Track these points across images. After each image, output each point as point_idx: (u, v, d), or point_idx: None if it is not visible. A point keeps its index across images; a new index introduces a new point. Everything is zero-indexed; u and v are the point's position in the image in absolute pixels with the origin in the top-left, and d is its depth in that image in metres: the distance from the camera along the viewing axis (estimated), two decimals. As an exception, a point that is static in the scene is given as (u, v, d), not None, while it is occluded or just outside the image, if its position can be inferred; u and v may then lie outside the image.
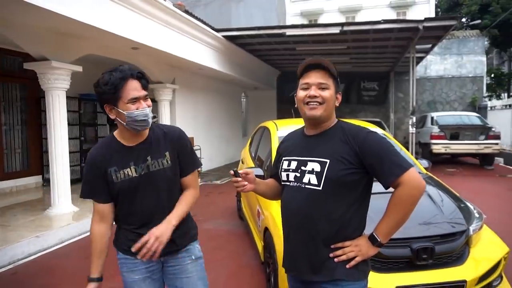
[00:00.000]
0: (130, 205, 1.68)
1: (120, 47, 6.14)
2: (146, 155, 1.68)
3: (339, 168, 1.46)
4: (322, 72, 1.53)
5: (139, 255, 1.59)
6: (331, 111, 1.56)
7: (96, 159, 1.66)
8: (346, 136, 1.50)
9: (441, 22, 7.55)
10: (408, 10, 21.51)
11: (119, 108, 1.57)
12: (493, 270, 2.56)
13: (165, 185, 1.71)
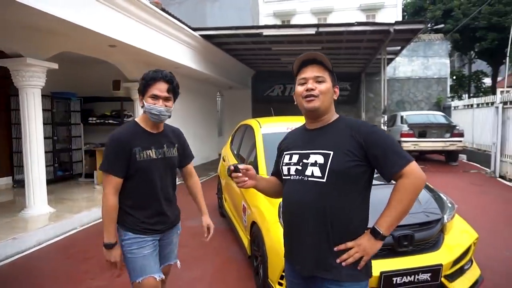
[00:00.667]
0: (148, 182, 1.97)
1: (97, 45, 6.03)
2: (163, 142, 2.05)
3: (343, 160, 1.46)
4: (317, 66, 1.56)
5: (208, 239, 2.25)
6: (329, 104, 1.57)
7: (123, 138, 1.93)
8: (350, 129, 1.51)
9: (411, 25, 7.94)
10: (377, 13, 22.26)
11: (144, 100, 1.95)
12: (464, 254, 2.78)
13: (172, 170, 2.13)
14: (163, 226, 2.08)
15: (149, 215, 2.01)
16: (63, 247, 4.38)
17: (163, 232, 2.10)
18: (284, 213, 1.67)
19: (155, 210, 2.02)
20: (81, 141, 8.30)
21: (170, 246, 2.20)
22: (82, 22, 4.68)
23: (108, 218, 1.92)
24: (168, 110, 1.96)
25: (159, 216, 2.04)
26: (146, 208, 2.00)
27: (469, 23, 19.42)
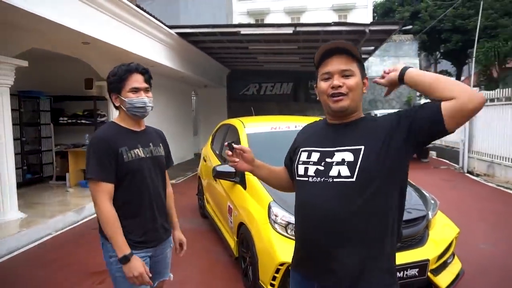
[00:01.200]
0: (139, 186, 1.79)
1: (70, 41, 5.77)
2: (149, 141, 1.89)
3: (377, 153, 1.25)
4: (343, 57, 1.32)
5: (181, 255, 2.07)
6: (359, 100, 1.36)
7: (107, 139, 1.74)
8: (383, 120, 1.32)
9: (385, 26, 8.15)
10: (348, 13, 22.73)
11: (122, 96, 1.78)
12: (448, 249, 2.88)
13: (162, 170, 1.96)
14: (156, 240, 1.87)
15: (141, 226, 1.80)
16: (38, 255, 4.16)
17: (156, 247, 1.88)
18: (301, 218, 1.42)
19: (147, 220, 1.82)
20: (51, 142, 7.92)
21: (164, 261, 2.00)
22: (55, 18, 4.45)
23: (112, 230, 1.68)
24: (151, 101, 1.83)
25: (152, 226, 1.84)
26: (137, 218, 1.79)
27: (435, 25, 20.23)
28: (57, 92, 8.03)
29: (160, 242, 1.91)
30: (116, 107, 1.83)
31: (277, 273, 2.57)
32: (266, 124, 4.29)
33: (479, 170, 8.76)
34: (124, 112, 1.82)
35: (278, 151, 3.68)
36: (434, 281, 2.71)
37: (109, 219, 1.69)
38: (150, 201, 1.83)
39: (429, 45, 23.69)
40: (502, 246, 4.18)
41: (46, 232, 4.77)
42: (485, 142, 8.57)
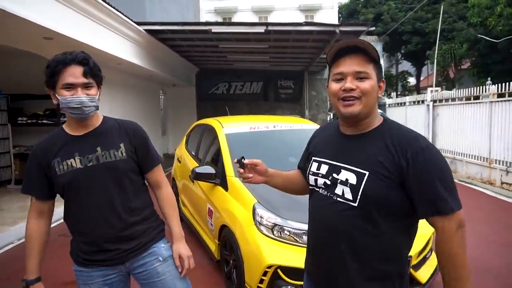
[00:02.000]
0: (76, 203, 1.57)
1: (30, 36, 5.39)
2: (95, 145, 1.57)
3: (380, 183, 1.17)
4: (359, 56, 1.22)
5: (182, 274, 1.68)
6: (373, 106, 1.24)
7: (36, 151, 1.57)
8: (393, 143, 1.19)
9: (355, 27, 8.34)
10: (315, 13, 23.13)
11: (56, 93, 1.49)
12: (426, 244, 2.97)
13: (117, 180, 1.58)
14: (109, 256, 1.57)
15: (87, 242, 1.57)
16: (1, 265, 3.85)
17: (118, 264, 1.60)
18: (312, 229, 1.40)
19: (96, 239, 1.56)
20: (9, 143, 7.40)
21: (158, 279, 1.64)
22: (13, 10, 4.13)
23: (29, 246, 1.55)
24: (92, 99, 1.50)
25: (104, 246, 1.56)
26: (81, 235, 1.59)
27: (397, 27, 21.07)
28: (16, 90, 7.51)
29: (122, 261, 1.61)
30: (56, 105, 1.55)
31: (265, 276, 2.53)
32: (244, 124, 4.23)
33: (442, 166, 9.20)
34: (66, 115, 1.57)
35: (259, 152, 3.68)
36: (415, 276, 2.78)
37: (30, 235, 1.58)
38: (92, 219, 1.55)
39: (390, 46, 24.65)
40: (470, 239, 4.30)
41: (7, 240, 4.45)
42: (447, 140, 9.01)
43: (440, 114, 9.33)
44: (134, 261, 1.62)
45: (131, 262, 1.62)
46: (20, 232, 4.67)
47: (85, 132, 1.58)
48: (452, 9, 19.52)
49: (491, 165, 7.26)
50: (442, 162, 1.16)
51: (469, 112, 8.06)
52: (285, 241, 2.61)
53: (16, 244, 4.46)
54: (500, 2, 14.60)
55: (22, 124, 7.42)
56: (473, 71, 18.82)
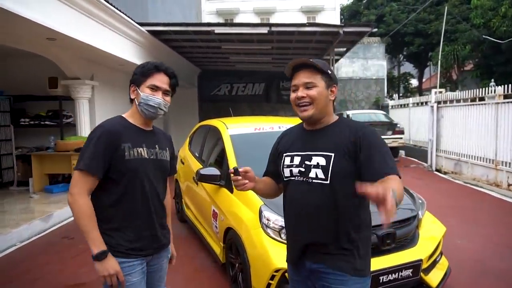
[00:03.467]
0: (138, 187, 1.65)
1: (34, 37, 5.36)
2: (155, 142, 1.76)
3: (344, 161, 1.48)
4: (308, 70, 1.54)
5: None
6: (324, 108, 1.56)
7: (110, 131, 1.62)
8: (349, 130, 1.52)
9: (358, 28, 8.30)
10: (317, 15, 23.09)
11: (139, 89, 1.68)
12: (437, 247, 2.91)
13: (164, 176, 1.81)
14: (153, 248, 1.73)
15: (136, 231, 1.65)
16: (3, 268, 3.80)
17: (152, 255, 1.74)
18: (288, 215, 1.66)
19: (143, 225, 1.67)
20: (11, 145, 7.37)
21: (160, 272, 1.85)
22: (17, 10, 4.10)
23: (86, 223, 1.54)
24: (166, 105, 1.70)
25: (148, 233, 1.69)
26: (132, 222, 1.64)
27: (399, 29, 21.01)
28: (18, 92, 7.49)
29: (157, 252, 1.76)
30: (130, 99, 1.73)
31: (272, 280, 2.47)
32: (249, 125, 4.18)
33: (446, 168, 9.13)
34: (135, 107, 1.71)
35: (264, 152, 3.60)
36: (425, 280, 2.72)
37: (85, 211, 1.55)
38: (148, 205, 1.69)
39: (393, 48, 24.58)
40: (476, 241, 4.33)
41: (10, 243, 4.39)
42: (452, 141, 8.93)
43: (445, 116, 9.25)
44: (159, 254, 1.79)
45: (157, 255, 1.78)
46: (23, 235, 4.63)
47: (148, 129, 1.76)
48: (455, 11, 19.45)
49: (497, 166, 7.18)
50: (381, 140, 1.52)
51: (475, 114, 7.99)
52: (293, 244, 2.55)
53: (18, 246, 4.41)
54: (504, 3, 14.54)
55: (24, 125, 7.39)
56: (476, 72, 18.73)
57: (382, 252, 2.56)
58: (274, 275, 2.46)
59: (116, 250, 1.61)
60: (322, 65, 1.55)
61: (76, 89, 7.21)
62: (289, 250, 1.70)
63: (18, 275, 3.60)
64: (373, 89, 16.01)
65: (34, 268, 3.70)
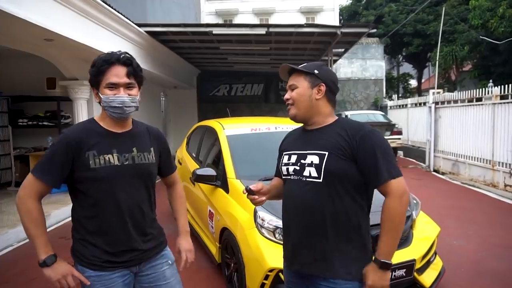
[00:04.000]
0: (106, 200, 1.52)
1: (31, 38, 5.37)
2: (132, 145, 1.61)
3: (337, 160, 1.48)
4: (294, 73, 1.62)
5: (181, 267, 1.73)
6: (308, 108, 1.57)
7: (70, 138, 1.51)
8: (346, 131, 1.51)
9: (356, 29, 8.31)
10: (316, 16, 23.11)
11: (99, 92, 1.53)
12: (431, 247, 2.92)
13: (146, 181, 1.64)
14: (133, 256, 1.58)
15: (112, 242, 1.54)
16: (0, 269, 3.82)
17: (137, 265, 1.61)
18: (285, 212, 1.67)
19: (118, 239, 1.54)
20: (9, 145, 7.38)
21: (165, 282, 1.68)
22: (13, 11, 4.10)
23: (32, 227, 1.45)
24: (133, 99, 1.54)
25: (125, 247, 1.56)
26: (107, 234, 1.53)
27: (398, 29, 21.03)
28: (16, 92, 7.50)
29: (143, 260, 1.63)
30: (99, 103, 1.57)
31: (266, 280, 2.48)
32: (245, 126, 4.19)
33: (444, 168, 9.15)
34: (101, 112, 1.60)
35: (260, 153, 3.64)
36: (419, 280, 2.73)
37: (33, 215, 1.47)
38: (123, 218, 1.54)
39: (391, 48, 24.60)
40: (473, 242, 4.34)
41: (6, 243, 4.41)
42: (450, 142, 8.95)
43: (442, 116, 9.27)
44: (147, 262, 1.65)
45: (145, 264, 1.64)
46: (20, 235, 4.64)
47: (122, 130, 1.60)
48: (453, 11, 19.47)
49: (494, 167, 7.20)
50: (382, 141, 1.49)
51: (472, 114, 8.01)
52: (287, 244, 2.57)
53: (15, 246, 4.43)
54: (502, 4, 14.56)
55: (22, 126, 7.40)
56: (475, 73, 18.75)
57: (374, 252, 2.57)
58: (268, 275, 2.47)
59: (91, 262, 1.53)
60: (308, 66, 1.60)
61: (74, 89, 7.22)
62: (284, 249, 1.71)
63: (14, 275, 3.61)
64: (372, 89, 16.03)
65: (30, 268, 3.70)
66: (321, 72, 1.59)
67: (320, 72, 1.58)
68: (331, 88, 1.60)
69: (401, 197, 1.44)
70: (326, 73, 1.61)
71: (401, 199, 1.44)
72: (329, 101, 1.61)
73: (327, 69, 1.63)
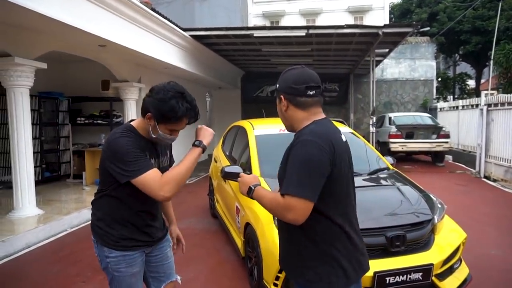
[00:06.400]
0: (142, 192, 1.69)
1: (86, 44, 5.95)
2: (158, 152, 1.85)
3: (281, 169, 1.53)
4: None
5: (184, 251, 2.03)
6: (284, 121, 1.60)
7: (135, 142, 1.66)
8: (293, 140, 1.50)
9: (399, 29, 8.09)
10: (364, 15, 22.54)
11: (158, 126, 1.66)
12: (454, 254, 2.86)
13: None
14: (151, 238, 1.86)
15: (140, 227, 1.80)
16: (53, 250, 4.32)
17: (151, 246, 1.88)
18: None
19: (146, 221, 1.82)
20: (69, 141, 8.17)
21: (167, 261, 2.00)
22: (71, 21, 4.60)
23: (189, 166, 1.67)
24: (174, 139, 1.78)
25: (148, 227, 1.84)
26: (137, 221, 1.79)
27: (454, 26, 19.84)
28: (75, 93, 8.29)
29: (156, 241, 1.90)
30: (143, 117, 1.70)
31: (280, 273, 2.61)
32: (275, 126, 4.32)
33: (496, 175, 8.56)
34: (145, 124, 1.70)
35: (285, 153, 3.75)
36: (439, 286, 2.69)
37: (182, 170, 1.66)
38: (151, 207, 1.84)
39: (447, 47, 23.23)
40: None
41: (61, 228, 4.94)
42: (503, 147, 8.36)
43: (495, 120, 8.68)
44: (159, 243, 1.94)
45: (156, 245, 1.92)
46: (73, 221, 5.17)
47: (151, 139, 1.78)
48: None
49: (552, 175, 6.64)
50: (301, 155, 1.39)
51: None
52: (302, 241, 2.67)
53: (68, 231, 4.95)
54: None
55: (80, 123, 8.16)
56: (542, 72, 17.14)
57: (390, 253, 2.59)
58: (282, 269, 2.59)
59: (120, 245, 1.75)
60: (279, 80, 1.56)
61: (124, 91, 7.82)
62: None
63: (64, 256, 4.07)
64: (420, 90, 15.28)
65: (79, 251, 4.15)
66: (280, 84, 1.55)
67: (279, 84, 1.55)
68: (291, 92, 1.50)
69: (284, 211, 1.39)
70: (282, 80, 1.54)
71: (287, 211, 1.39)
72: (298, 106, 1.50)
73: (285, 75, 1.55)
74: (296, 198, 1.35)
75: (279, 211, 1.42)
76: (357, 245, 1.53)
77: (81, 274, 3.57)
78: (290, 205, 1.36)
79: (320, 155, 1.37)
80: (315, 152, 1.37)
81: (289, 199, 1.36)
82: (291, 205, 1.36)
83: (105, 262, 1.79)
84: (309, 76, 1.51)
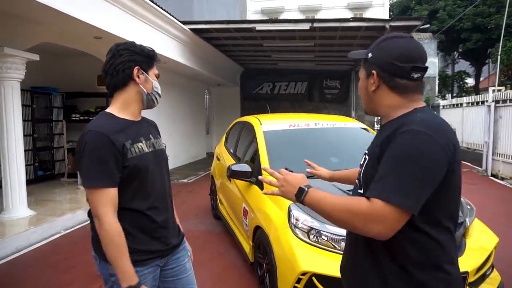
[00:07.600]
0: (143, 189, 1.48)
1: (82, 35, 5.64)
2: (148, 132, 1.60)
3: (372, 164, 1.14)
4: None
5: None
6: (367, 102, 1.24)
7: (108, 134, 1.37)
8: (394, 128, 1.10)
9: (407, 22, 7.83)
10: (364, 12, 22.32)
11: (149, 75, 1.52)
12: (487, 259, 2.60)
13: (166, 166, 1.66)
14: (165, 245, 1.55)
15: (149, 231, 1.50)
16: (45, 254, 4.01)
17: (165, 256, 1.58)
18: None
19: (157, 227, 1.52)
20: (63, 138, 7.84)
21: (186, 275, 1.68)
22: (65, 9, 4.30)
23: (117, 250, 1.35)
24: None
25: (161, 234, 1.54)
26: (145, 223, 1.49)
27: (453, 25, 19.66)
28: (70, 89, 7.97)
29: (170, 251, 1.60)
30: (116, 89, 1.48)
31: (298, 283, 2.34)
32: (284, 122, 4.06)
33: (504, 173, 8.35)
34: (123, 100, 1.49)
35: (298, 150, 3.48)
36: (472, 295, 2.44)
37: (115, 238, 1.35)
38: (158, 203, 1.54)
39: (446, 45, 23.09)
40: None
41: (55, 230, 4.64)
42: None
43: (504, 116, 8.46)
44: (173, 254, 1.63)
45: (170, 256, 1.62)
46: (67, 223, 4.87)
47: (139, 119, 1.58)
48: (519, 3, 17.79)
49: None
50: (408, 150, 1.03)
51: (539, 114, 7.22)
52: (322, 247, 2.40)
53: (62, 234, 4.65)
54: None
55: (75, 120, 7.83)
56: (543, 70, 17.02)
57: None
58: (301, 278, 2.32)
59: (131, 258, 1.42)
60: (357, 52, 1.26)
61: (121, 86, 7.49)
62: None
63: (58, 261, 3.77)
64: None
65: (73, 256, 3.86)
66: (374, 54, 1.18)
67: (372, 54, 1.19)
68: (390, 70, 1.14)
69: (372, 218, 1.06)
70: (380, 53, 1.17)
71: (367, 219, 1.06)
72: (394, 89, 1.15)
73: (384, 46, 1.17)
74: (391, 206, 1.00)
75: (357, 221, 1.04)
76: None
77: (74, 282, 3.27)
78: (378, 213, 1.01)
79: (436, 153, 1.01)
80: (431, 149, 1.01)
81: (379, 205, 1.01)
82: (380, 213, 1.01)
83: (110, 282, 1.48)
84: (419, 52, 1.15)
